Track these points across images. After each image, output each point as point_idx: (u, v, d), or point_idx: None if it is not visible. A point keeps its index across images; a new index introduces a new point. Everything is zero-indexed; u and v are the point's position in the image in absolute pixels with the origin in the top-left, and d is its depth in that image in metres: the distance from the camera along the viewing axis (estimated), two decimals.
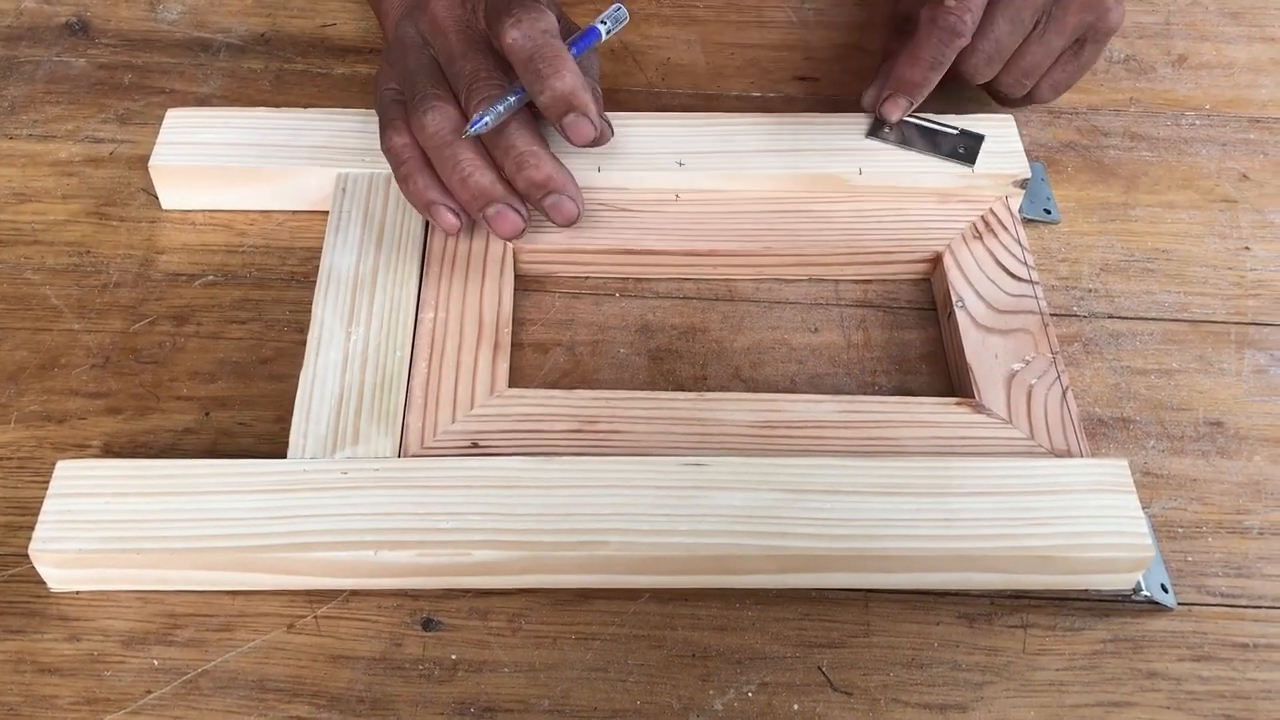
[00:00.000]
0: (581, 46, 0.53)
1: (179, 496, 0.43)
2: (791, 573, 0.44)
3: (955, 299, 0.52)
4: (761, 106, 0.62)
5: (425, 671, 0.42)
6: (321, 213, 0.55)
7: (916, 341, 0.53)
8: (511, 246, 0.53)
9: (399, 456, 0.46)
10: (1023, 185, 0.56)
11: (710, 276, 0.55)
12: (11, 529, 0.45)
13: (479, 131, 0.50)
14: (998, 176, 0.55)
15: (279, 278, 0.54)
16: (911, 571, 0.44)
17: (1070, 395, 0.49)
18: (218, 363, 0.51)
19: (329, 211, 0.54)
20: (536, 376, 0.51)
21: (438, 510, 0.43)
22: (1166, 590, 0.45)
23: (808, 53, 0.65)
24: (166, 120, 0.56)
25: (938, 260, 0.54)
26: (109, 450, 0.48)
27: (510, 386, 0.49)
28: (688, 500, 0.44)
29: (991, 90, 0.58)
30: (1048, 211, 0.57)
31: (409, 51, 0.53)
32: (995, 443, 0.47)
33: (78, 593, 0.44)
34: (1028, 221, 0.57)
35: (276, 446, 0.47)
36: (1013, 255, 0.54)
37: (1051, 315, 0.52)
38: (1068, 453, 0.47)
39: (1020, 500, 0.44)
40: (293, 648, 0.43)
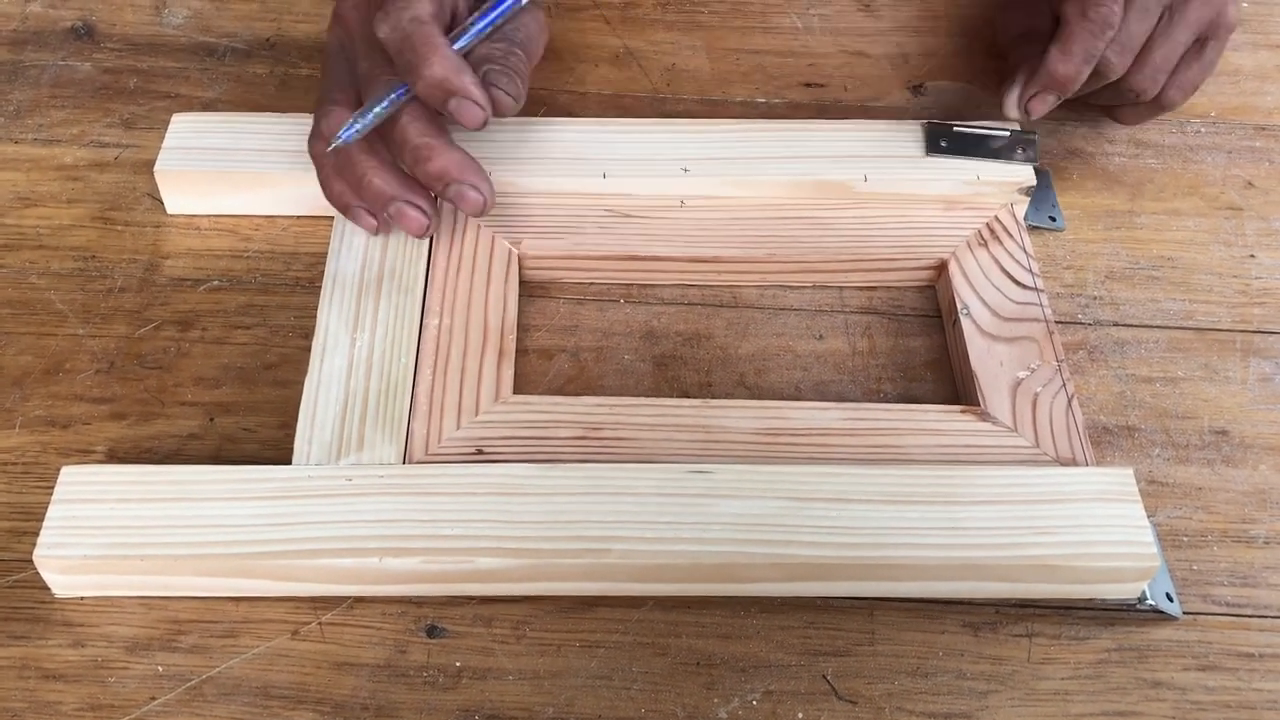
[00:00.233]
0: (489, 18, 0.50)
1: (183, 503, 0.43)
2: (796, 581, 0.44)
3: (960, 306, 0.52)
4: (766, 113, 0.62)
5: (429, 679, 0.42)
6: (326, 218, 0.55)
7: (921, 349, 0.53)
8: (516, 252, 0.53)
9: (404, 463, 0.46)
10: (1028, 192, 0.56)
11: (715, 283, 0.55)
12: (16, 534, 0.45)
13: (351, 138, 0.49)
14: (1003, 184, 0.55)
15: (284, 283, 0.54)
16: (916, 580, 0.44)
17: (1075, 403, 0.49)
18: (222, 368, 0.50)
19: (334, 217, 0.54)
20: (541, 383, 0.51)
21: (442, 517, 0.43)
22: (1172, 599, 0.45)
23: (813, 59, 0.65)
24: (172, 125, 0.56)
25: (943, 267, 0.54)
26: (113, 456, 0.48)
27: (515, 393, 0.49)
28: (692, 508, 0.44)
29: (1123, 93, 0.56)
30: (1053, 219, 0.57)
31: (326, 58, 0.54)
32: (1000, 451, 0.47)
33: (82, 598, 0.44)
34: (1033, 229, 0.57)
35: (281, 452, 0.47)
36: (1018, 263, 0.54)
37: (1057, 323, 0.52)
38: (1073, 461, 0.47)
39: (1025, 509, 0.44)
40: (297, 654, 0.43)
